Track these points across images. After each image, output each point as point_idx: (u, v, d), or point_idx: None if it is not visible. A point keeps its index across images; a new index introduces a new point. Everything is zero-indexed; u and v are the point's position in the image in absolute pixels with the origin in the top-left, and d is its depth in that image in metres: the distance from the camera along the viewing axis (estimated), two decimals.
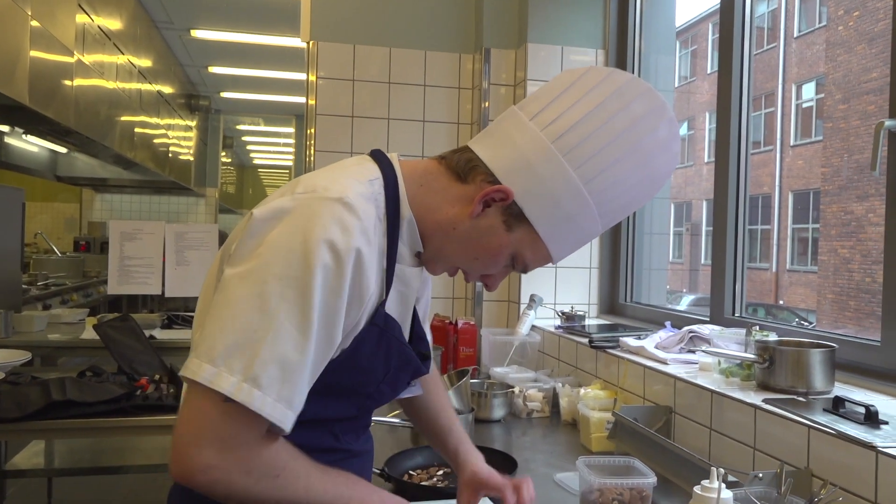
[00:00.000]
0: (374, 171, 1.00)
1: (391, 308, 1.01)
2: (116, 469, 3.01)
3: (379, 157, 1.04)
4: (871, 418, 1.28)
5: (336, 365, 0.95)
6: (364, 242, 0.90)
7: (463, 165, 1.01)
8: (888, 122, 1.58)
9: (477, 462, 1.22)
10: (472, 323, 2.63)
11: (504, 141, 1.00)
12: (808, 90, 14.42)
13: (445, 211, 1.01)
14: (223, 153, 10.09)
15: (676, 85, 18.08)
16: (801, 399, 1.48)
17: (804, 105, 14.59)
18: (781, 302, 14.19)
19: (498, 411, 2.06)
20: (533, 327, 2.63)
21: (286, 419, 0.85)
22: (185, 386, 0.87)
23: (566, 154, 0.97)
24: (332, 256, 0.86)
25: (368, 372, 1.00)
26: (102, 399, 2.10)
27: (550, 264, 1.06)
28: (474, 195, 0.99)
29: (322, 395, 0.96)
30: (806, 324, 12.15)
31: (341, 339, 0.94)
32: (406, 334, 1.08)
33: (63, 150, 5.83)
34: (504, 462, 1.56)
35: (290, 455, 0.90)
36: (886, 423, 1.27)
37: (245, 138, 11.51)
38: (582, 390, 1.99)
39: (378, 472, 1.46)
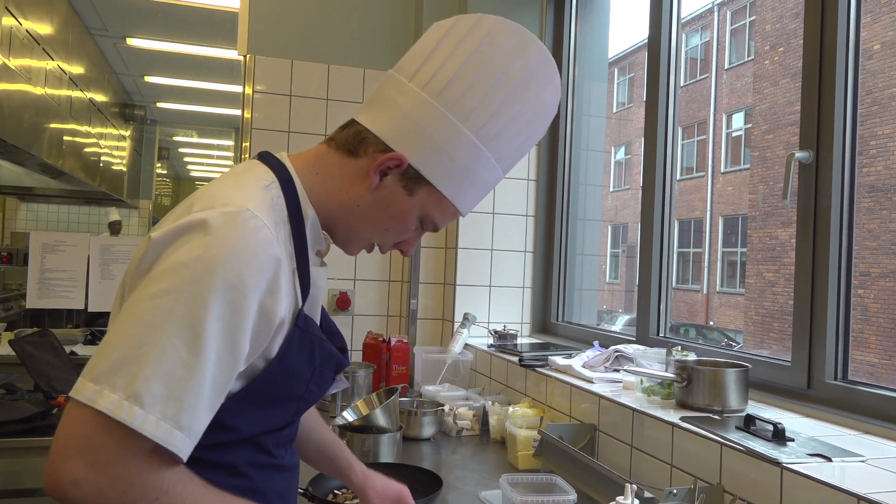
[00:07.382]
0: (266, 175, 0.97)
1: (306, 309, 1.00)
2: (33, 492, 2.87)
3: (268, 158, 1.01)
4: (779, 435, 1.34)
5: (268, 374, 0.93)
6: (273, 253, 0.88)
7: (352, 140, 1.01)
8: (798, 154, 1.67)
9: (376, 475, 1.28)
10: (406, 341, 2.63)
11: (388, 107, 1.00)
12: (738, 120, 15.05)
13: (346, 191, 1.00)
14: (158, 164, 9.82)
15: (615, 111, 18.58)
16: (716, 417, 1.54)
17: (734, 134, 15.22)
18: (712, 322, 14.66)
19: (428, 429, 2.06)
20: (466, 346, 2.65)
21: (173, 439, 0.80)
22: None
23: (451, 108, 0.97)
24: (234, 272, 0.84)
25: (297, 374, 0.99)
26: (15, 418, 2.01)
27: (461, 217, 1.07)
28: (369, 168, 0.99)
29: (257, 406, 0.94)
30: (734, 344, 12.58)
31: (274, 352, 0.93)
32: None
33: None
34: (430, 481, 1.56)
35: (178, 480, 0.84)
36: (793, 439, 1.34)
37: (182, 150, 11.24)
38: (510, 408, 2.01)
39: (302, 491, 1.44)
